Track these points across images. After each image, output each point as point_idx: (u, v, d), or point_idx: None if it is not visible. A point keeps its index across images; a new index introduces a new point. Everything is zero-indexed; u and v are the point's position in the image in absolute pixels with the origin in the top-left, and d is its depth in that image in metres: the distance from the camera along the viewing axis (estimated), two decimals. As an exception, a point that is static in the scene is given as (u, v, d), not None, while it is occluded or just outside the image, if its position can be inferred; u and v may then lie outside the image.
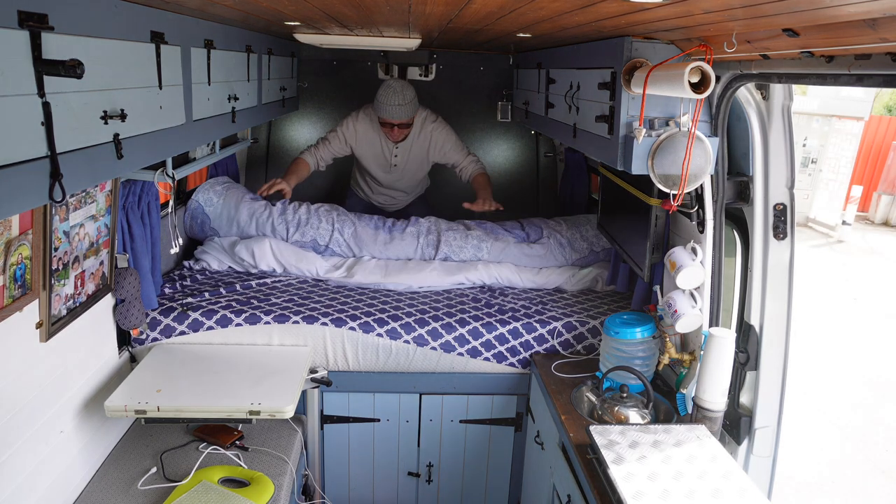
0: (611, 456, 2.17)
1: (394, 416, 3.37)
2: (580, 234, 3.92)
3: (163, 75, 1.98)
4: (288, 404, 2.64)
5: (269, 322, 3.17)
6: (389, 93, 3.91)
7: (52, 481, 2.29)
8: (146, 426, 2.86)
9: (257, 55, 3.26)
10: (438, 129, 4.20)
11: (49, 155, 1.36)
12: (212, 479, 2.50)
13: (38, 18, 1.30)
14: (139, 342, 3.10)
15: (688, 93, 1.88)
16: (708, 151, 2.27)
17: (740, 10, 1.48)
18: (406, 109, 3.95)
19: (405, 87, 3.94)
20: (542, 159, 5.05)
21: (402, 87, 3.94)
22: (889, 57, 1.48)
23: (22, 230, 2.01)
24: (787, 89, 2.27)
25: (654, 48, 2.27)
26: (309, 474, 3.25)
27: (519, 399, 3.38)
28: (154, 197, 2.94)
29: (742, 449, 2.55)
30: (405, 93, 3.93)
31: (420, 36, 3.15)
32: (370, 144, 4.22)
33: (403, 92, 3.92)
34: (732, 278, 2.64)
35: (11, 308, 2.00)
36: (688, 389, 2.60)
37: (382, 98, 3.93)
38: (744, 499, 1.98)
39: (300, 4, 1.98)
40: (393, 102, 3.91)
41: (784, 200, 2.40)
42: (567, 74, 3.09)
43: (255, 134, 4.69)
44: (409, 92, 3.96)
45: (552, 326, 3.27)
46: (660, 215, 2.82)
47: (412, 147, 4.22)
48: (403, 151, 4.23)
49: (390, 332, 3.20)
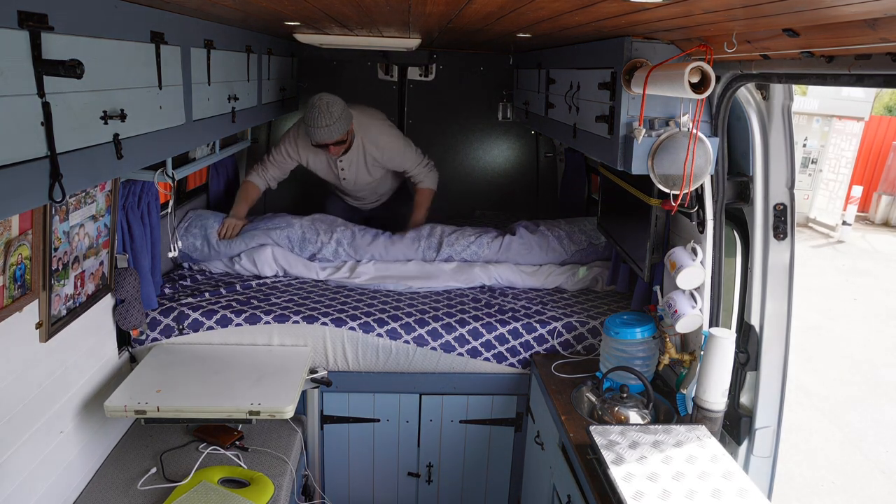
0: (611, 456, 2.17)
1: (394, 417, 3.37)
2: (579, 227, 3.92)
3: (163, 75, 1.98)
4: (288, 404, 2.64)
5: (269, 322, 3.17)
6: (315, 114, 3.57)
7: (52, 481, 2.29)
8: (146, 426, 2.86)
9: (257, 55, 3.27)
10: (378, 140, 3.94)
11: (49, 155, 1.36)
12: (212, 479, 2.50)
13: (38, 18, 1.30)
14: (139, 342, 3.09)
15: (688, 93, 1.88)
16: (708, 151, 2.27)
17: (740, 10, 1.48)
18: (333, 130, 3.60)
19: (331, 104, 3.58)
20: (542, 159, 5.05)
21: (327, 104, 3.57)
22: (889, 57, 1.47)
23: (22, 230, 2.01)
24: (787, 89, 2.27)
25: (654, 48, 2.27)
26: (309, 474, 3.25)
27: (519, 399, 3.38)
28: (154, 197, 2.94)
29: (742, 449, 2.55)
30: (331, 110, 3.58)
31: (420, 36, 3.15)
32: (316, 159, 4.01)
33: (329, 110, 3.57)
34: (732, 278, 2.64)
35: (11, 308, 2.00)
36: (688, 389, 2.60)
37: (308, 120, 3.61)
38: (744, 499, 1.98)
39: (300, 4, 1.98)
40: (318, 124, 3.58)
41: (784, 200, 2.40)
42: (567, 74, 3.08)
43: (255, 134, 4.69)
44: (337, 108, 3.60)
45: (552, 327, 3.27)
46: (660, 215, 2.82)
47: (356, 159, 3.97)
48: (349, 164, 3.99)
49: (390, 333, 3.20)
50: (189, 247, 3.72)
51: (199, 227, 3.76)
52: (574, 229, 3.91)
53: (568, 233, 3.88)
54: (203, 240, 3.74)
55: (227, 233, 3.78)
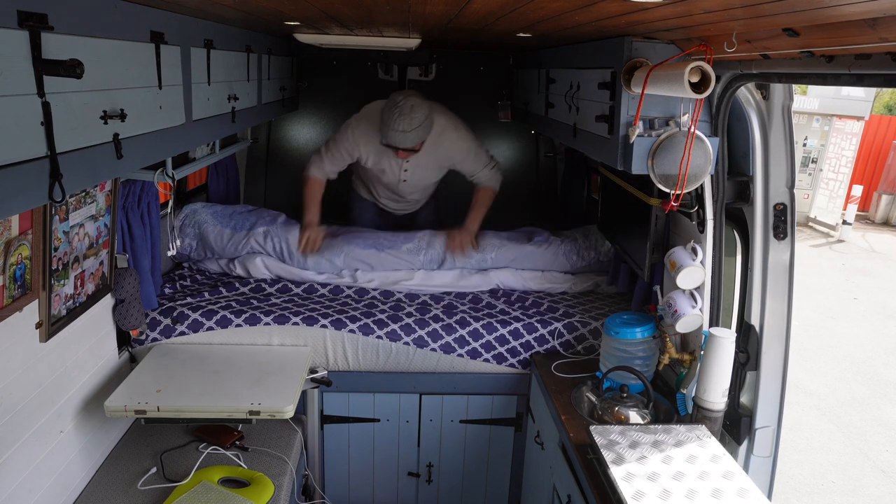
0: (611, 456, 2.17)
1: (394, 417, 3.37)
2: (588, 242, 3.78)
3: (163, 75, 1.98)
4: (288, 404, 2.64)
5: (268, 323, 3.16)
6: (395, 114, 3.30)
7: (52, 481, 2.29)
8: (146, 426, 2.86)
9: (257, 55, 3.26)
10: (453, 140, 3.66)
11: (49, 155, 1.36)
12: (212, 479, 2.50)
13: (38, 18, 1.30)
14: (139, 342, 3.09)
15: (688, 93, 1.88)
16: (708, 151, 2.27)
17: (740, 9, 1.48)
18: (410, 137, 3.34)
19: (415, 108, 3.32)
20: (542, 159, 5.04)
21: (411, 108, 3.31)
22: (889, 57, 1.47)
23: (22, 230, 2.01)
24: (787, 89, 2.27)
25: (654, 48, 2.27)
26: (309, 474, 3.25)
27: (519, 399, 3.38)
28: (154, 197, 2.94)
29: (742, 449, 2.55)
30: (413, 116, 3.31)
31: (420, 36, 3.15)
32: (376, 156, 3.69)
33: (412, 115, 3.31)
34: (732, 278, 2.64)
35: (11, 308, 2.00)
36: (688, 389, 2.60)
37: (387, 119, 3.34)
38: (744, 499, 1.98)
39: (300, 4, 1.98)
40: (397, 128, 3.31)
41: (784, 200, 2.40)
42: (567, 74, 3.08)
43: (255, 134, 4.68)
44: (420, 114, 3.34)
45: (553, 327, 3.27)
46: (660, 215, 2.82)
47: (423, 161, 3.70)
48: (414, 165, 3.72)
49: (390, 334, 3.20)
50: (185, 247, 3.70)
51: (193, 226, 3.71)
52: (583, 245, 3.76)
53: (578, 248, 3.74)
54: (198, 239, 3.71)
55: (309, 246, 3.55)
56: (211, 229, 3.69)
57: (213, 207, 3.84)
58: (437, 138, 3.61)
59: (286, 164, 4.73)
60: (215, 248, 3.68)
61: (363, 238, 3.68)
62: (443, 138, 3.63)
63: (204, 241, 3.69)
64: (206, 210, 3.80)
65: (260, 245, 3.66)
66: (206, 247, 3.70)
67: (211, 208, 3.81)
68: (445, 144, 3.66)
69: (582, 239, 3.80)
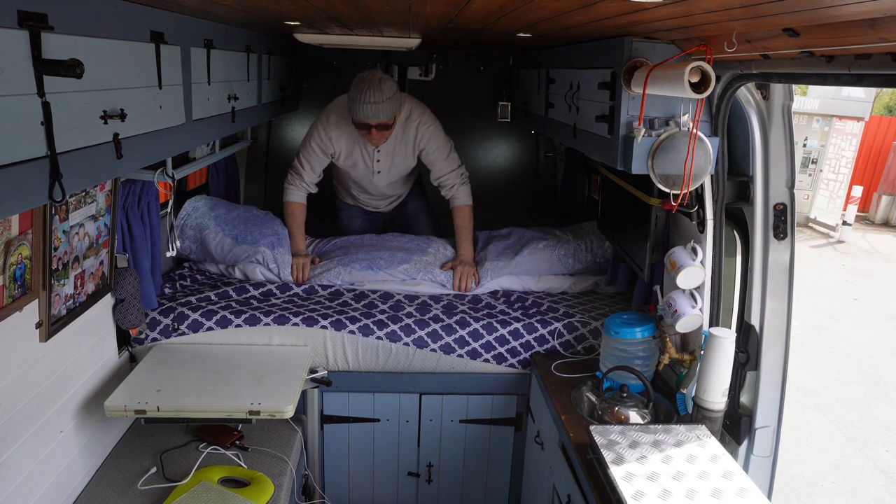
0: (611, 456, 2.17)
1: (394, 416, 3.37)
2: (585, 245, 3.75)
3: (163, 75, 1.98)
4: (288, 404, 2.64)
5: (268, 324, 3.16)
6: (363, 87, 3.23)
7: (52, 481, 2.29)
8: (146, 426, 2.86)
9: (257, 55, 3.26)
10: (425, 126, 3.60)
11: (49, 155, 1.36)
12: (212, 479, 2.50)
13: (38, 18, 1.30)
14: (139, 342, 3.09)
15: (688, 93, 1.88)
16: (708, 151, 2.27)
17: (740, 9, 1.48)
18: (381, 108, 3.26)
19: (383, 81, 3.26)
20: (542, 159, 5.05)
21: (379, 80, 3.25)
22: (889, 57, 1.47)
23: (22, 230, 2.01)
24: (787, 89, 2.27)
25: (654, 48, 2.27)
26: (309, 474, 3.25)
27: (519, 399, 3.38)
28: (154, 197, 2.94)
29: (742, 449, 2.55)
30: (382, 87, 3.24)
31: (420, 36, 3.15)
32: (348, 148, 3.64)
33: (381, 87, 3.24)
34: (732, 278, 2.64)
35: (11, 308, 2.00)
36: (688, 389, 2.60)
37: (355, 94, 3.25)
38: (744, 499, 1.98)
39: (300, 4, 1.98)
40: (366, 99, 3.22)
41: (784, 200, 2.40)
42: (567, 74, 3.08)
43: (255, 134, 4.68)
44: (388, 86, 3.27)
45: (553, 327, 3.27)
46: (660, 215, 2.82)
47: (395, 149, 3.65)
48: (386, 155, 3.65)
49: (390, 335, 3.20)
50: (185, 248, 3.67)
51: (194, 228, 3.66)
52: (581, 247, 3.74)
53: (574, 251, 3.72)
54: (197, 242, 3.65)
55: (300, 276, 3.55)
56: (212, 236, 3.62)
57: (217, 209, 3.78)
58: (405, 123, 3.59)
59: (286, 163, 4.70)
60: (215, 256, 3.65)
61: (358, 261, 3.62)
62: (410, 122, 3.60)
63: (204, 247, 3.67)
64: (209, 212, 3.73)
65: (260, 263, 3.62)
66: (205, 253, 3.69)
67: (214, 210, 3.77)
68: (414, 127, 3.60)
69: (576, 241, 3.77)
